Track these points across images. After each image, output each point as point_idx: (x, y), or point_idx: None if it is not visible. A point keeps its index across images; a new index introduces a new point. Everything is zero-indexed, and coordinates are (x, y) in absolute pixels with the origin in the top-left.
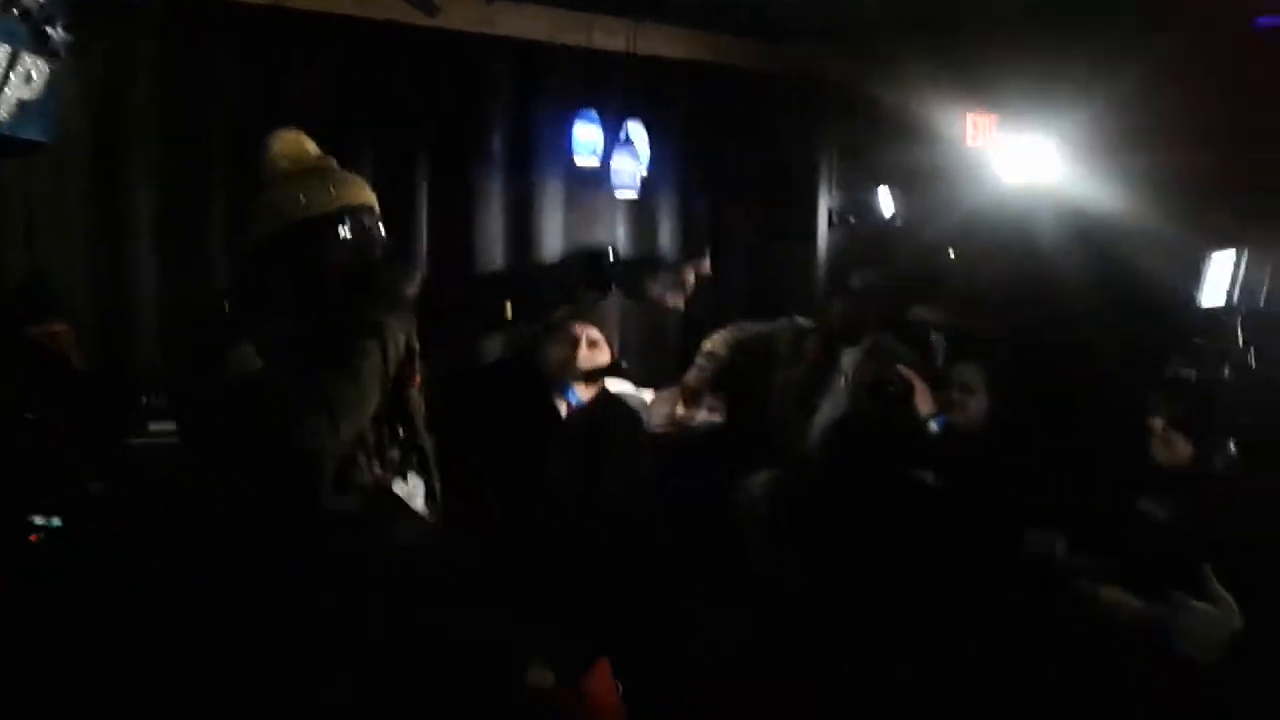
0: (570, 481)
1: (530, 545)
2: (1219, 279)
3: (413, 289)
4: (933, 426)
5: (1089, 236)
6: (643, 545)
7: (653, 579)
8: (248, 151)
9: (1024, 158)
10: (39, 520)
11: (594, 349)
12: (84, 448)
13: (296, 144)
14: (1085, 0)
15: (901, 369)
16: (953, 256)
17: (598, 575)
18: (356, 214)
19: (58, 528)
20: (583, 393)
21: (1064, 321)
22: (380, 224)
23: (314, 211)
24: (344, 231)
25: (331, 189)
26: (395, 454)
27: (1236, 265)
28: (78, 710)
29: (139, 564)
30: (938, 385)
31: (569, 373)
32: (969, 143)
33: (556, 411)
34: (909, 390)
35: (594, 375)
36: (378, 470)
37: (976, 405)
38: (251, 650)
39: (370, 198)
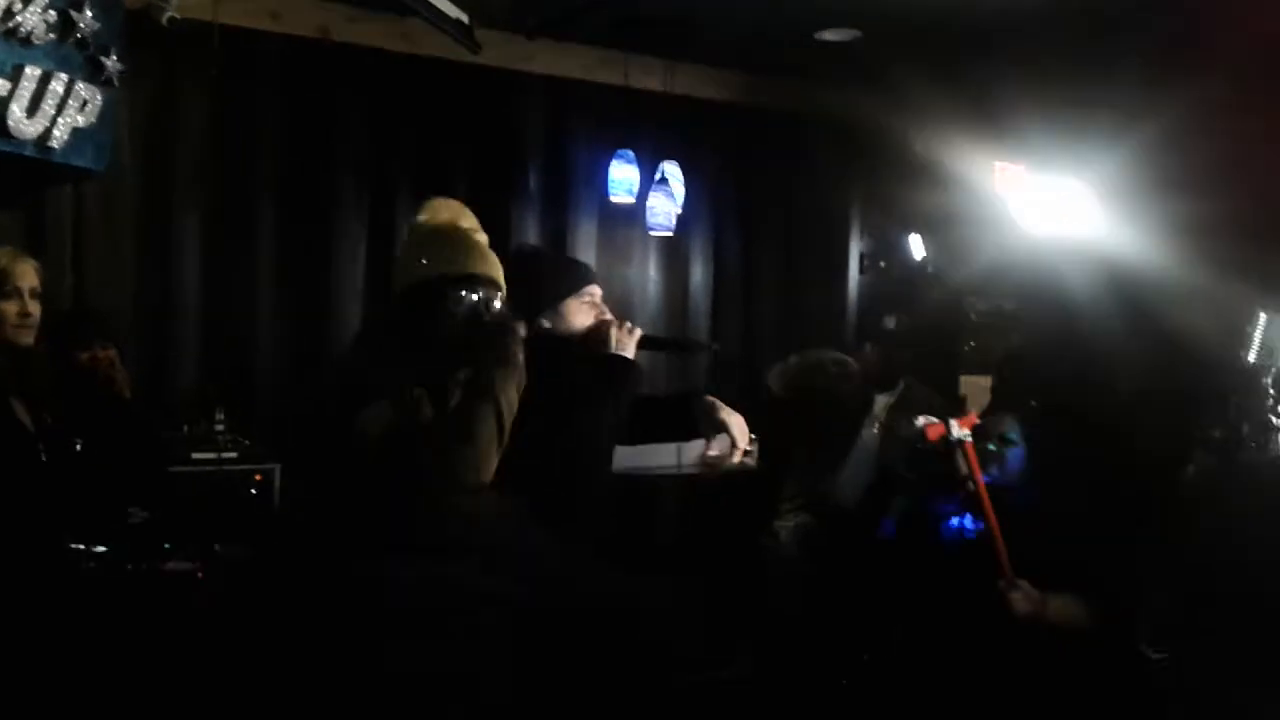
0: None
1: None
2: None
3: (519, 348)
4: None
5: (1123, 289)
6: None
7: None
8: (291, 180)
9: (1053, 205)
10: (83, 547)
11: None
12: (129, 475)
13: (447, 209)
14: (1111, 44)
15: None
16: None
17: None
18: (476, 283)
19: (102, 553)
20: None
21: (1098, 378)
22: (500, 300)
23: (439, 271)
24: (465, 295)
25: (462, 257)
26: None
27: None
28: None
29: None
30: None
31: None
32: (995, 189)
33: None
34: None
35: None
36: None
37: (1014, 459)
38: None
39: (497, 273)
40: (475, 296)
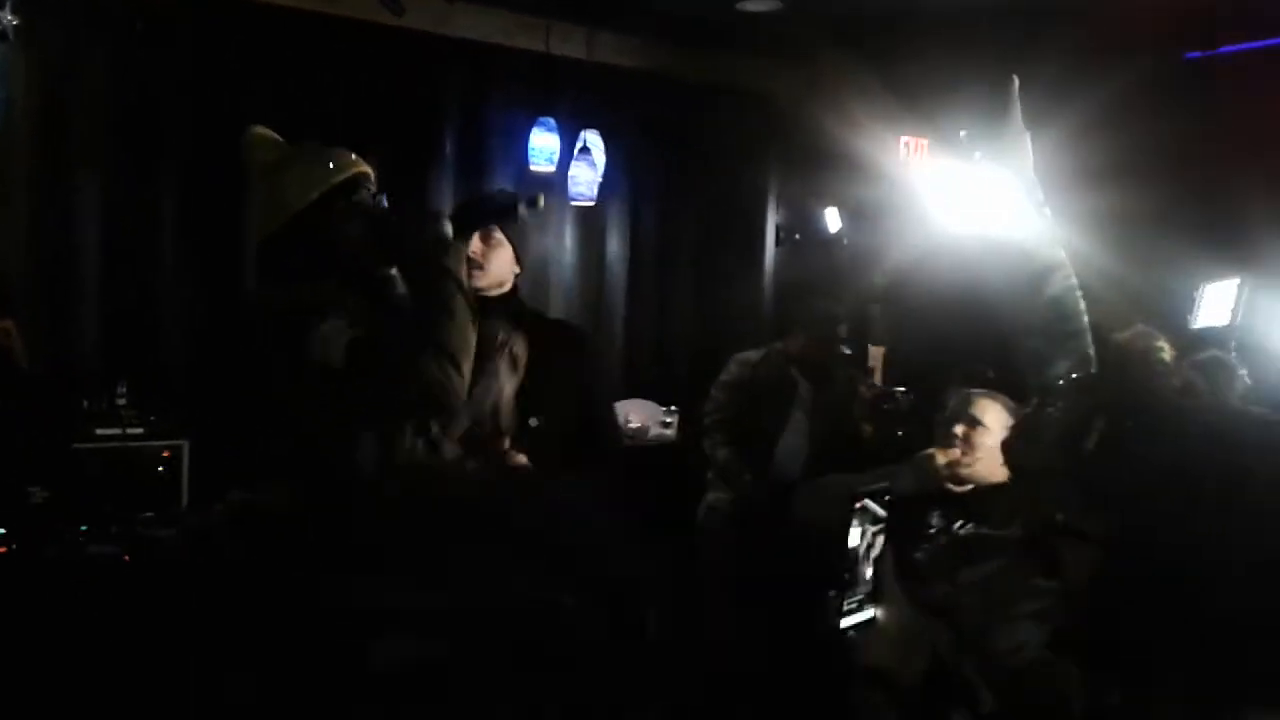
0: None
1: None
2: (1213, 306)
3: (448, 231)
4: None
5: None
6: None
7: None
8: (198, 142)
9: (964, 187)
10: None
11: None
12: (27, 451)
13: (273, 137)
14: (1032, 34)
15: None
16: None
17: None
18: (364, 181)
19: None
20: None
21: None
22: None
23: (335, 181)
24: (360, 196)
25: (331, 164)
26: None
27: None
28: None
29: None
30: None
31: None
32: (902, 166)
33: None
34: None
35: None
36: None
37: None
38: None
39: (364, 165)
40: (375, 192)
